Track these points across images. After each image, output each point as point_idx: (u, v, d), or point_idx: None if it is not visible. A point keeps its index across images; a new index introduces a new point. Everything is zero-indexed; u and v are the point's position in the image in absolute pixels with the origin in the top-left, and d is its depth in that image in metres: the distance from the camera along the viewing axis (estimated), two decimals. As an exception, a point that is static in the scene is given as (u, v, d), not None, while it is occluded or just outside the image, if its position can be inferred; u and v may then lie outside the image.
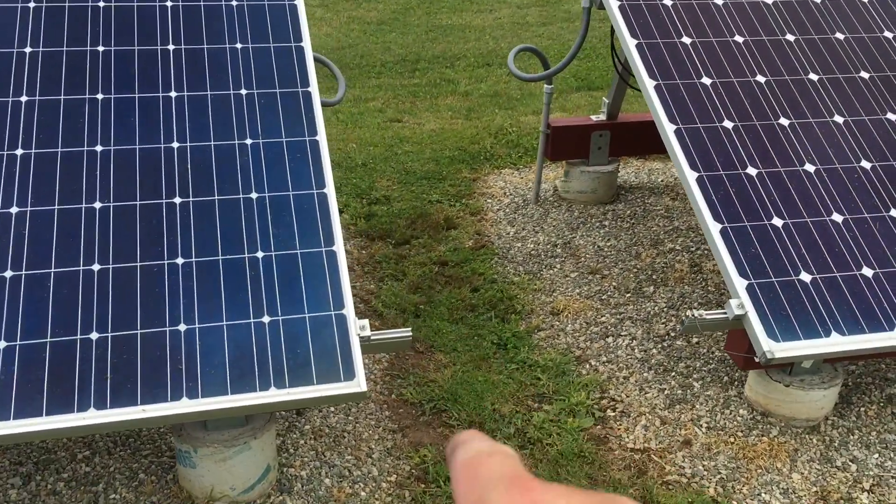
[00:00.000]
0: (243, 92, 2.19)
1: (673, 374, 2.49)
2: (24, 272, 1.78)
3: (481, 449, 0.34)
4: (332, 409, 2.35)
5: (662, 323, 2.74)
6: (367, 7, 8.18)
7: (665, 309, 2.82)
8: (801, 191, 2.24)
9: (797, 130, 2.38)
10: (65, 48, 2.18)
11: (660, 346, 2.63)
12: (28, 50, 2.16)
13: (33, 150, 1.98)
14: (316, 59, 3.01)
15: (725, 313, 2.02)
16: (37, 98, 2.07)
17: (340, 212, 3.65)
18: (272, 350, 1.76)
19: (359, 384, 1.74)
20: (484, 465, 0.32)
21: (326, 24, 7.60)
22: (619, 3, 2.61)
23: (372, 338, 1.84)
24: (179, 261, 1.86)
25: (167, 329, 1.75)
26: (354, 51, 6.65)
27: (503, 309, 2.90)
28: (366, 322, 1.84)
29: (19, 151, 1.97)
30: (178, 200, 1.96)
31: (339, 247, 1.95)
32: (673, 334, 2.68)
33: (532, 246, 3.31)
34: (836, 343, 1.96)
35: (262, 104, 2.18)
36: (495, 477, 0.31)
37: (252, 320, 1.80)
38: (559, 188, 3.71)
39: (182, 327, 1.76)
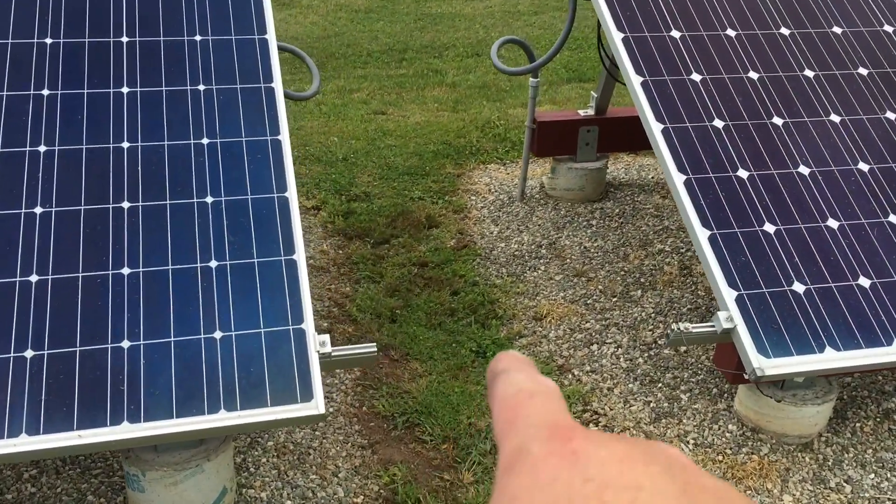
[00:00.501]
0: (201, 87, 2.05)
1: (659, 385, 2.37)
2: (-46, 284, 1.65)
3: (522, 387, 0.33)
4: (298, 423, 2.22)
5: (649, 330, 2.62)
6: (356, -5, 8.02)
7: (653, 315, 2.69)
8: (795, 195, 2.11)
9: (791, 130, 2.24)
10: (9, 40, 2.04)
11: (646, 354, 2.51)
12: (-30, 41, 2.01)
13: (-29, 151, 1.84)
14: (290, 51, 2.87)
15: (713, 326, 1.90)
16: (-23, 93, 1.93)
17: (318, 209, 3.52)
18: (223, 368, 1.63)
19: (317, 406, 1.61)
20: (524, 408, 0.31)
21: (313, 11, 7.43)
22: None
23: (333, 354, 1.71)
24: (125, 271, 1.73)
25: (109, 346, 1.62)
26: (341, 39, 6.50)
27: (484, 314, 2.78)
28: (326, 337, 1.71)
29: (-45, 151, 1.83)
30: (126, 205, 1.83)
31: (300, 255, 1.81)
32: (661, 342, 2.55)
33: (516, 246, 3.18)
34: (831, 359, 1.84)
35: (222, 100, 2.04)
36: (536, 423, 0.30)
37: (202, 336, 1.67)
38: (546, 185, 3.57)
39: (125, 344, 1.63)
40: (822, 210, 2.09)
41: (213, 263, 1.77)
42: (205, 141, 1.96)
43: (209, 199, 1.87)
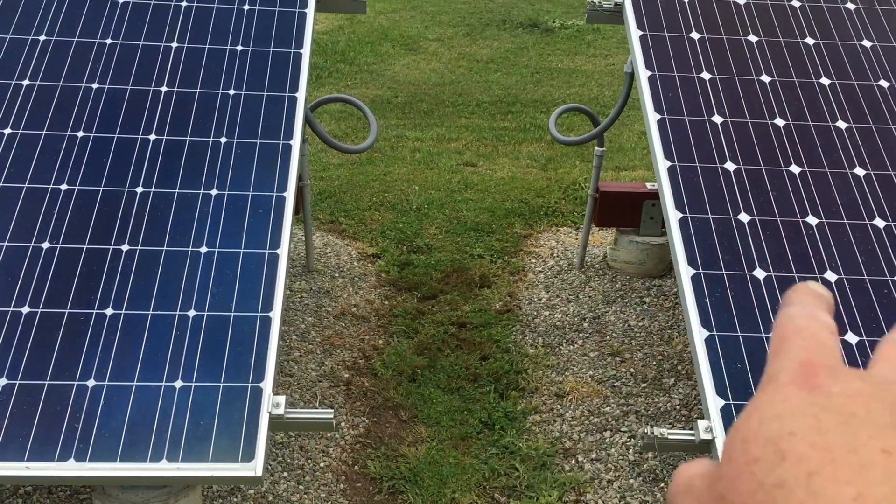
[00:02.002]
0: (223, 140, 2.15)
1: (662, 485, 2.24)
2: (-46, 308, 1.79)
3: (796, 321, 0.36)
4: (284, 474, 2.24)
5: (669, 423, 2.48)
6: (482, 44, 8.14)
7: (678, 407, 2.55)
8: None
9: (825, 231, 2.09)
10: (61, 83, 2.21)
11: (659, 449, 2.38)
12: (25, 83, 2.20)
13: (0, 184, 2.00)
14: (350, 103, 2.96)
15: (692, 435, 1.78)
16: (19, 132, 2.10)
17: (377, 257, 3.58)
18: (175, 418, 1.68)
19: (254, 468, 1.63)
20: (788, 342, 0.35)
21: (437, 59, 7.61)
22: (650, 73, 2.40)
23: (287, 416, 1.73)
24: (109, 311, 1.82)
25: (75, 383, 1.71)
26: (454, 88, 6.62)
27: (506, 383, 2.72)
28: (281, 399, 1.73)
29: (-13, 184, 2.00)
30: (125, 248, 1.93)
31: (276, 313, 1.85)
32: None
33: (560, 316, 3.10)
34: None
35: (239, 154, 2.12)
36: (792, 357, 0.34)
37: (163, 383, 1.73)
38: (608, 256, 3.48)
39: (91, 383, 1.72)
40: (842, 322, 1.93)
41: (192, 313, 1.84)
42: (213, 192, 2.05)
43: (203, 249, 1.94)
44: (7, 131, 2.10)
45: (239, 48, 2.34)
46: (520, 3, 8.77)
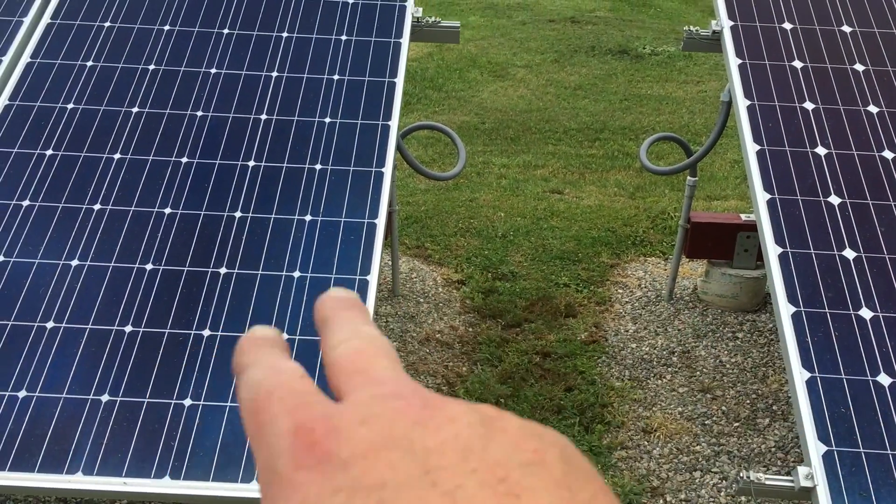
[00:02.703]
0: (318, 167, 2.19)
1: (756, 530, 2.15)
2: (63, 325, 1.87)
3: (260, 381, 0.28)
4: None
5: (764, 466, 2.39)
6: (570, 71, 8.12)
7: (773, 449, 2.46)
8: (926, 345, 1.86)
9: (937, 270, 1.98)
10: (167, 111, 2.30)
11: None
12: (135, 110, 2.30)
13: (109, 207, 2.09)
14: (439, 130, 2.99)
15: (791, 481, 1.70)
16: (128, 157, 2.19)
17: (462, 283, 3.58)
18: (266, 440, 1.71)
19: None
20: (265, 413, 0.27)
21: (524, 85, 7.62)
22: (749, 102, 2.34)
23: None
24: (206, 332, 1.87)
25: (172, 402, 1.76)
26: (541, 115, 6.60)
27: (591, 417, 2.67)
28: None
29: (96, 207, 2.09)
30: (223, 271, 1.98)
31: (366, 340, 1.86)
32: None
33: (647, 349, 3.04)
34: (928, 546, 1.58)
35: (332, 180, 2.16)
36: (279, 430, 0.26)
37: (256, 405, 1.76)
38: (699, 288, 3.40)
39: (187, 402, 1.76)
40: (956, 367, 1.82)
41: (285, 336, 1.87)
42: (307, 218, 2.09)
43: (296, 274, 1.98)
44: (116, 156, 2.19)
45: (335, 77, 2.39)
46: (609, 30, 8.72)
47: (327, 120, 2.30)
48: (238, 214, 2.09)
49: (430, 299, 3.41)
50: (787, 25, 2.53)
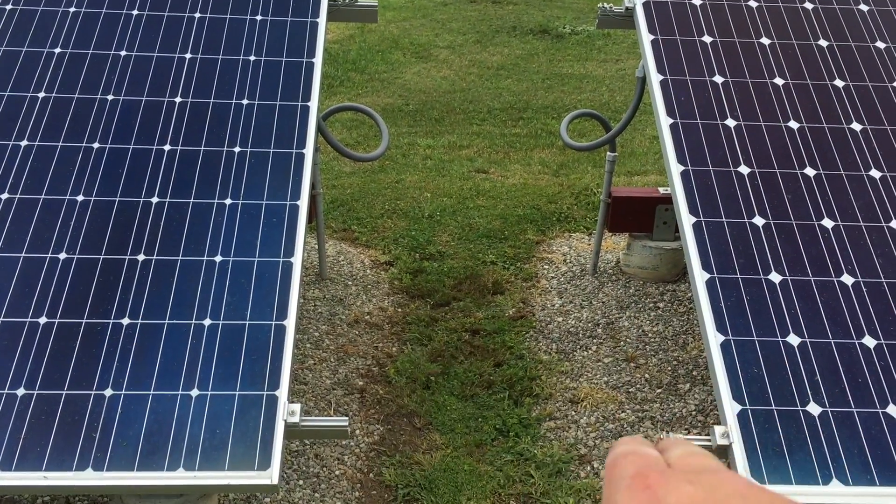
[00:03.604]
0: (236, 150, 2.16)
1: (679, 491, 2.23)
2: (-27, 319, 1.80)
3: (623, 451, 0.39)
4: (300, 482, 2.25)
5: (685, 428, 2.47)
6: (493, 51, 8.15)
7: (693, 412, 2.54)
8: (832, 306, 1.94)
9: (841, 233, 2.08)
10: (76, 95, 2.23)
11: (675, 455, 2.36)
12: (41, 95, 2.22)
13: (17, 196, 2.02)
14: (361, 111, 2.97)
15: (709, 440, 1.77)
16: (35, 144, 2.12)
17: (390, 265, 3.58)
18: (191, 427, 1.69)
19: (270, 476, 1.63)
20: (618, 467, 0.37)
21: (447, 66, 7.62)
22: (662, 77, 2.40)
23: (302, 424, 1.73)
24: (125, 321, 1.83)
25: (92, 392, 1.72)
26: (465, 95, 6.62)
27: (520, 390, 2.72)
28: (297, 406, 1.74)
29: (4, 196, 2.02)
30: (141, 258, 1.94)
31: (291, 321, 1.86)
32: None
33: (573, 322, 3.10)
34: (835, 493, 1.66)
35: (252, 163, 2.13)
36: (623, 475, 0.36)
37: (179, 392, 1.73)
38: (621, 261, 3.47)
39: (108, 392, 1.72)
40: (859, 326, 1.91)
41: (207, 322, 1.85)
42: (227, 201, 2.06)
43: (218, 258, 1.95)
44: (24, 143, 2.12)
45: (252, 58, 2.36)
46: (529, 10, 8.79)
47: (245, 102, 2.26)
48: (155, 200, 2.05)
49: (358, 281, 3.41)
50: (697, 1, 2.59)
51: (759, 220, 2.10)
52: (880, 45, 2.50)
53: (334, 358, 2.85)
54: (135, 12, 2.42)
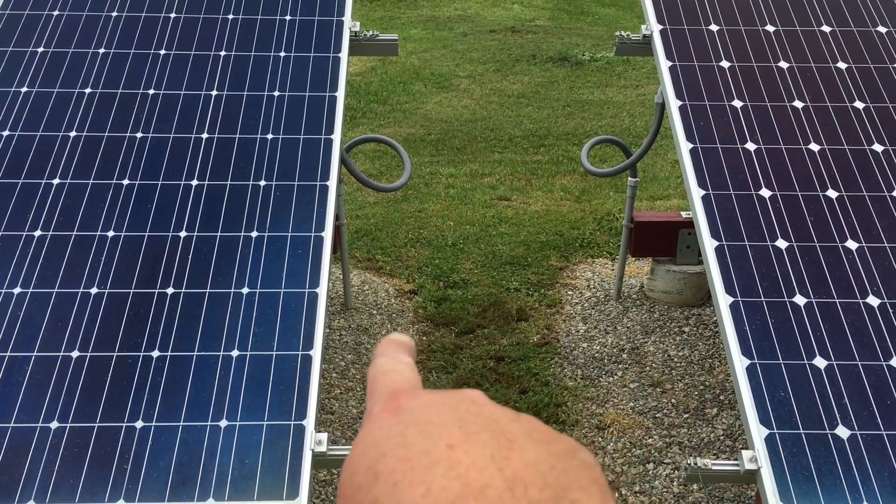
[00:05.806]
0: (262, 183, 2.20)
1: (708, 517, 2.21)
2: (7, 353, 1.84)
3: (381, 367, 0.42)
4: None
5: (713, 454, 2.45)
6: (513, 80, 8.21)
7: (722, 437, 2.52)
8: (858, 328, 1.93)
9: (865, 255, 2.07)
10: (106, 134, 2.29)
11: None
12: (73, 134, 2.28)
13: (50, 233, 2.07)
14: (383, 142, 3.01)
15: (737, 465, 1.76)
16: (67, 181, 2.18)
17: (414, 293, 3.60)
18: (221, 457, 1.71)
19: (299, 505, 1.65)
20: (378, 383, 0.41)
21: (468, 95, 7.69)
22: (681, 103, 2.41)
23: (329, 453, 1.75)
24: (155, 353, 1.86)
25: (124, 425, 1.75)
26: (486, 124, 6.67)
27: (546, 417, 2.71)
28: (324, 436, 1.75)
29: (37, 233, 2.07)
30: (170, 291, 1.98)
31: (317, 351, 1.88)
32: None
33: (598, 348, 3.09)
34: (867, 519, 1.65)
35: (277, 196, 2.17)
36: (382, 392, 0.40)
37: (209, 423, 1.76)
38: (645, 286, 3.47)
39: (139, 424, 1.75)
40: (886, 347, 1.90)
41: (235, 353, 1.87)
42: (254, 234, 2.09)
43: (245, 290, 1.98)
44: (56, 181, 2.18)
45: (276, 94, 2.41)
46: (549, 38, 8.86)
47: (269, 136, 2.31)
48: (183, 234, 2.09)
49: (382, 311, 3.43)
50: (714, 27, 2.61)
51: (781, 243, 2.10)
52: (899, 65, 2.50)
53: (360, 387, 2.86)
54: (162, 52, 2.49)
